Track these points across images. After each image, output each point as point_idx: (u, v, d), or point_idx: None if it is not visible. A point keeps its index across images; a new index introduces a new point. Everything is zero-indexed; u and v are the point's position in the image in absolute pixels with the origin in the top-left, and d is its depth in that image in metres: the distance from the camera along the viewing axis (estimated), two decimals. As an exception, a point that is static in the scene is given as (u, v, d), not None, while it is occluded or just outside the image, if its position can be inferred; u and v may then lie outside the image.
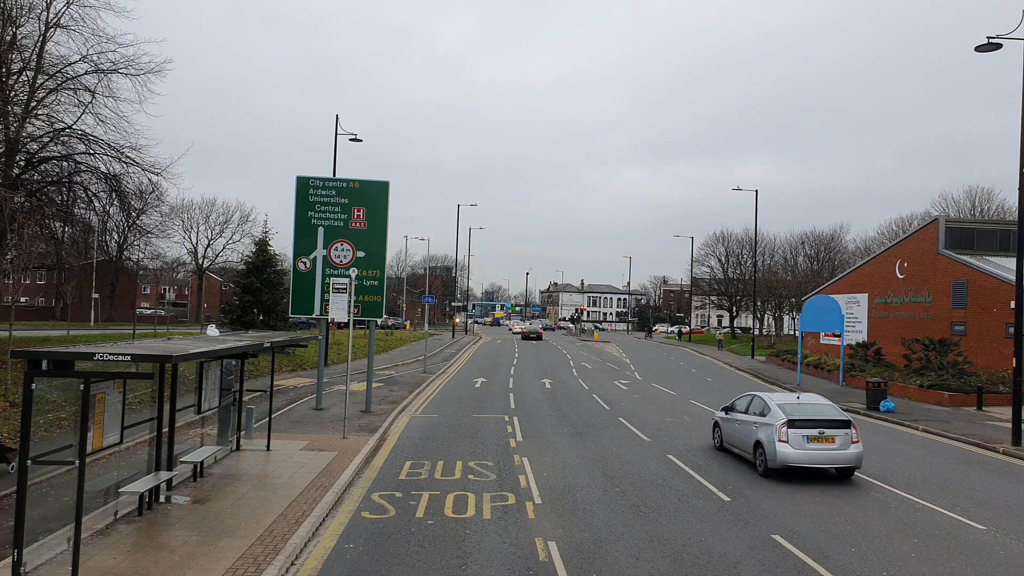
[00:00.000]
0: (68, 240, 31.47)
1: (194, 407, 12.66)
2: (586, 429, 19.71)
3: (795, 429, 14.23)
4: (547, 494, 12.55)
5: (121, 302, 70.95)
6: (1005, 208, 62.98)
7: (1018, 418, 18.25)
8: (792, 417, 14.41)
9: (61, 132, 26.00)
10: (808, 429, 14.25)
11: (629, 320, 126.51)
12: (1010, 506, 12.76)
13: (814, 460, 14.13)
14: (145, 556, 8.75)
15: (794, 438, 14.16)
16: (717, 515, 11.54)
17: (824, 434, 14.24)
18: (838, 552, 9.86)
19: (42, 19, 25.08)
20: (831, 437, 14.23)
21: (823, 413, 14.83)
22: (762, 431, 14.83)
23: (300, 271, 20.79)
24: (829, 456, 14.21)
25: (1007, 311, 28.28)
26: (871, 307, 39.45)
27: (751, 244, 73.75)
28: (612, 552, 9.62)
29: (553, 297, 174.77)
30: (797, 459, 14.09)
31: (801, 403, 15.27)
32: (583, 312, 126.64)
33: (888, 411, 24.00)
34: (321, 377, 22.25)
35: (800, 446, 14.13)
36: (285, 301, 35.43)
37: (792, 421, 14.32)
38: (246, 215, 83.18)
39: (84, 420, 8.00)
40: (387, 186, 21.48)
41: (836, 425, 14.44)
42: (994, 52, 18.81)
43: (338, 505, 11.66)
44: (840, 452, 14.21)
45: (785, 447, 14.13)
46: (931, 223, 36.09)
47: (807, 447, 14.13)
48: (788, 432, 14.21)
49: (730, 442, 16.69)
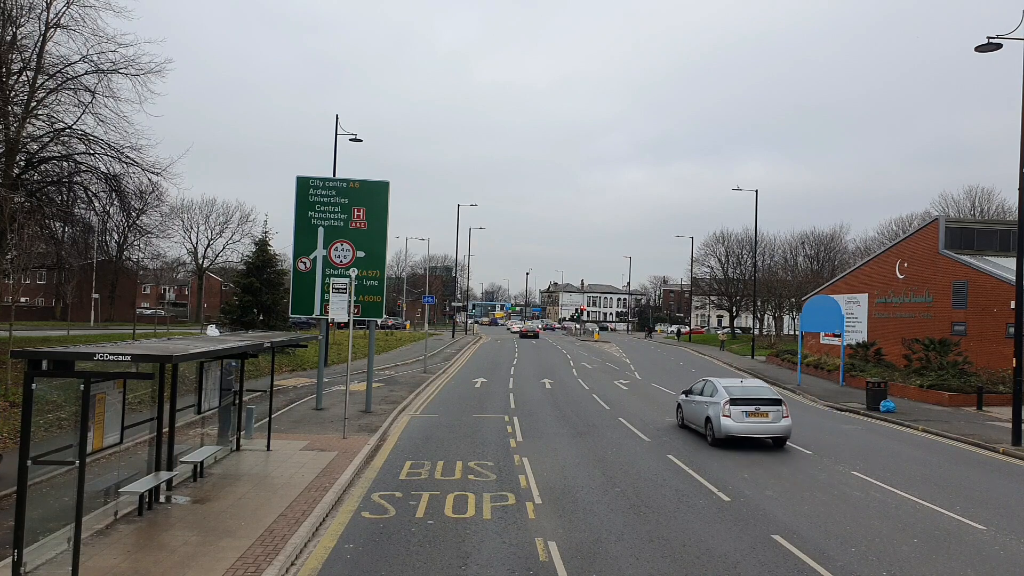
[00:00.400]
0: (68, 240, 31.46)
1: (194, 407, 12.65)
2: (586, 429, 19.71)
3: (736, 406, 17.20)
4: (547, 494, 12.55)
5: (121, 302, 70.95)
6: (1005, 208, 63.02)
7: (1018, 418, 18.24)
8: (734, 396, 17.38)
9: (61, 132, 26.01)
10: (747, 406, 17.19)
11: (629, 320, 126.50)
12: (1010, 506, 12.76)
13: (751, 431, 17.11)
14: (145, 556, 8.75)
15: (735, 413, 17.14)
16: (717, 515, 11.54)
17: (760, 410, 17.19)
18: (838, 552, 9.86)
19: (42, 19, 25.10)
20: (766, 412, 17.19)
21: (760, 393, 17.82)
22: (711, 408, 17.82)
23: (300, 271, 20.79)
24: (764, 428, 17.20)
25: (1007, 311, 28.28)
26: (871, 307, 39.45)
27: (751, 244, 73.81)
28: (612, 552, 9.62)
29: (553, 297, 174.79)
30: (737, 430, 17.06)
31: (744, 386, 18.37)
32: (583, 312, 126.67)
33: (888, 411, 24.00)
34: (321, 377, 22.25)
35: (740, 420, 17.09)
36: (285, 301, 35.45)
37: (734, 400, 17.29)
38: (246, 215, 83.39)
39: (84, 420, 8.00)
40: (387, 186, 21.48)
41: (770, 403, 17.39)
42: (994, 52, 18.81)
43: (338, 505, 11.66)
44: (773, 424, 17.19)
45: (728, 421, 17.12)
46: (931, 223, 36.09)
47: (746, 420, 17.09)
48: (731, 408, 17.20)
49: (688, 419, 19.67)
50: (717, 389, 17.99)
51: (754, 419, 17.09)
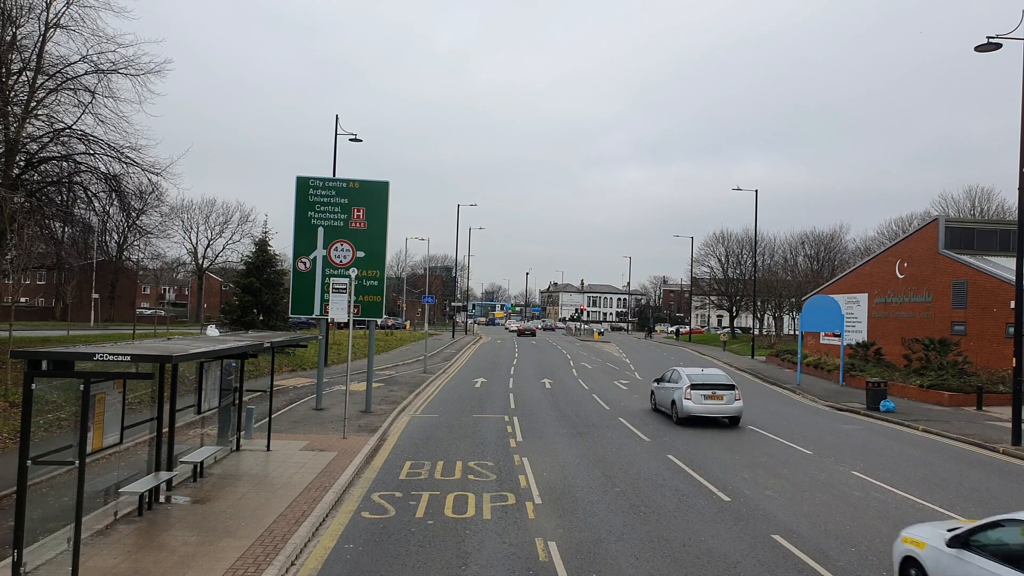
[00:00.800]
0: (68, 240, 31.48)
1: (194, 407, 12.65)
2: (586, 429, 19.72)
3: (696, 390, 20.31)
4: (547, 494, 12.55)
5: (121, 302, 70.98)
6: (1005, 208, 63.02)
7: (1018, 418, 18.25)
8: (695, 382, 20.55)
9: (61, 132, 26.02)
10: (705, 391, 20.33)
11: (629, 320, 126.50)
12: (1010, 506, 12.74)
13: (708, 411, 20.21)
14: (145, 556, 8.75)
15: (695, 397, 20.24)
16: (717, 515, 11.54)
17: (716, 393, 20.35)
18: (838, 552, 9.86)
19: (42, 19, 25.11)
20: (721, 395, 20.34)
21: (717, 379, 20.97)
22: (676, 393, 21.00)
23: (300, 271, 20.78)
24: (719, 409, 20.28)
25: (1007, 311, 28.28)
26: (871, 307, 39.46)
27: (751, 244, 73.82)
28: (612, 552, 9.62)
29: (553, 297, 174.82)
30: (697, 411, 20.14)
31: (704, 373, 21.63)
32: (583, 312, 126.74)
33: (888, 411, 24.00)
34: (321, 377, 22.25)
35: (699, 402, 20.19)
36: (285, 301, 35.43)
37: (694, 385, 20.44)
38: (246, 215, 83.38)
39: (84, 420, 8.00)
40: (387, 186, 21.48)
41: (725, 388, 20.52)
42: (994, 52, 18.82)
43: (338, 505, 11.66)
44: (727, 406, 20.29)
45: (689, 403, 20.21)
46: (931, 223, 36.09)
47: (704, 402, 20.20)
48: (691, 392, 20.30)
49: (659, 403, 22.85)
50: (681, 376, 21.17)
51: (711, 401, 20.23)
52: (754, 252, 69.60)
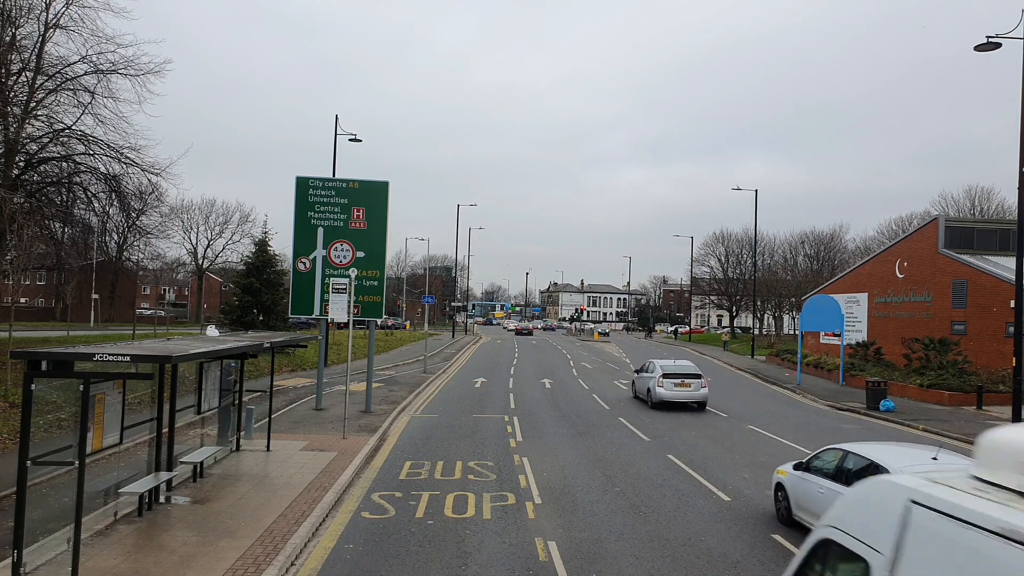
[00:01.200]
0: (68, 240, 31.51)
1: (194, 407, 12.65)
2: (586, 429, 19.71)
3: (667, 379, 23.67)
4: (547, 494, 12.55)
5: (121, 302, 70.91)
6: (1005, 207, 63.00)
7: (1018, 418, 18.24)
8: (666, 372, 23.92)
9: (60, 133, 26.03)
10: (675, 379, 23.68)
11: (629, 320, 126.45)
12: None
13: (678, 397, 23.50)
14: (145, 556, 8.75)
15: (667, 385, 23.56)
16: (718, 515, 11.54)
17: (685, 382, 23.66)
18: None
19: (41, 20, 25.13)
20: (689, 383, 23.65)
21: (687, 370, 24.22)
22: (651, 381, 24.35)
23: (300, 271, 20.78)
24: (687, 395, 23.55)
25: (1007, 310, 28.27)
26: (871, 307, 39.45)
27: (751, 244, 73.82)
28: (612, 552, 9.62)
29: (553, 297, 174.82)
30: (668, 397, 23.42)
31: (675, 364, 24.82)
32: (583, 312, 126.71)
33: (888, 411, 24.00)
34: (321, 377, 22.25)
35: (670, 389, 23.51)
36: (285, 301, 35.41)
37: (666, 374, 23.81)
38: (246, 215, 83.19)
39: (84, 420, 8.00)
40: (387, 186, 21.47)
41: (693, 377, 23.85)
42: (994, 52, 18.83)
43: (338, 505, 11.65)
44: (694, 392, 23.60)
45: (661, 390, 23.55)
46: (931, 222, 36.08)
47: (674, 390, 23.52)
48: (663, 381, 23.61)
49: (637, 391, 26.30)
50: (655, 367, 24.57)
51: (680, 388, 23.55)
52: (754, 252, 69.61)
